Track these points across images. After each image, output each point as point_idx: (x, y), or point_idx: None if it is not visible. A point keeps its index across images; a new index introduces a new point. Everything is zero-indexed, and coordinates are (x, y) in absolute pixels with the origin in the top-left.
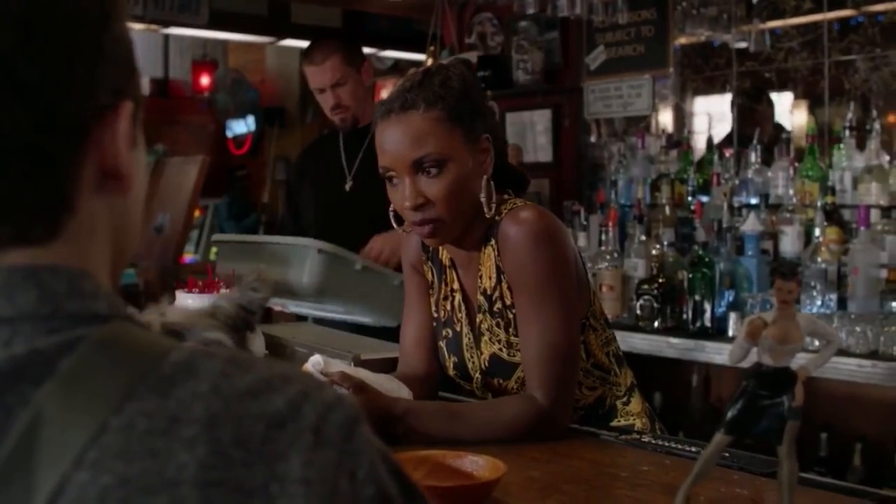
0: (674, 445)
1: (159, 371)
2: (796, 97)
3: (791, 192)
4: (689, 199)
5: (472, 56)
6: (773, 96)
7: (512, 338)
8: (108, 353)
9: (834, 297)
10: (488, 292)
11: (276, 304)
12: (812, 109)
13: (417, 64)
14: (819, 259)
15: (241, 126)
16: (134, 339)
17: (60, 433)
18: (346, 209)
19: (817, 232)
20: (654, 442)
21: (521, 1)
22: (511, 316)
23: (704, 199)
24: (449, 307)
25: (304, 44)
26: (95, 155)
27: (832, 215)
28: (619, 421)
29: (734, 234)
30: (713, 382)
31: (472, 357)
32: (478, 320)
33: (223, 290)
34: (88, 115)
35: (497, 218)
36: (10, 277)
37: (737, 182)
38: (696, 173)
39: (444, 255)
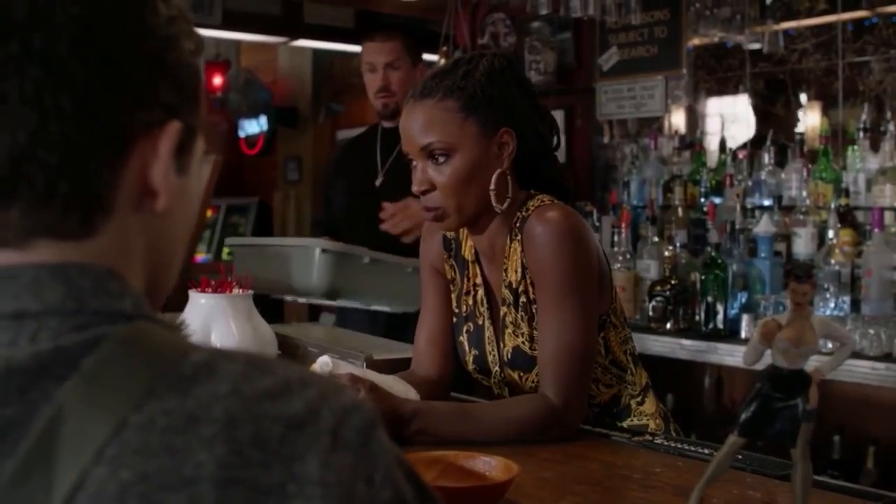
0: (686, 447)
1: (180, 370)
2: (810, 98)
3: (804, 193)
4: (702, 200)
5: None
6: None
7: (535, 332)
8: (130, 351)
9: (847, 299)
10: (514, 286)
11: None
12: (826, 111)
13: (431, 65)
14: (832, 261)
15: (254, 126)
16: (156, 338)
17: (80, 429)
18: (375, 205)
19: (831, 234)
20: (666, 443)
21: (534, 2)
22: (534, 311)
23: (717, 200)
24: (471, 302)
25: (317, 44)
26: (137, 168)
27: (846, 217)
28: (632, 420)
29: (747, 236)
30: (726, 384)
31: (492, 350)
32: (502, 313)
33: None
34: (134, 126)
35: (524, 214)
36: (38, 273)
37: (750, 183)
38: (709, 174)
39: (468, 249)
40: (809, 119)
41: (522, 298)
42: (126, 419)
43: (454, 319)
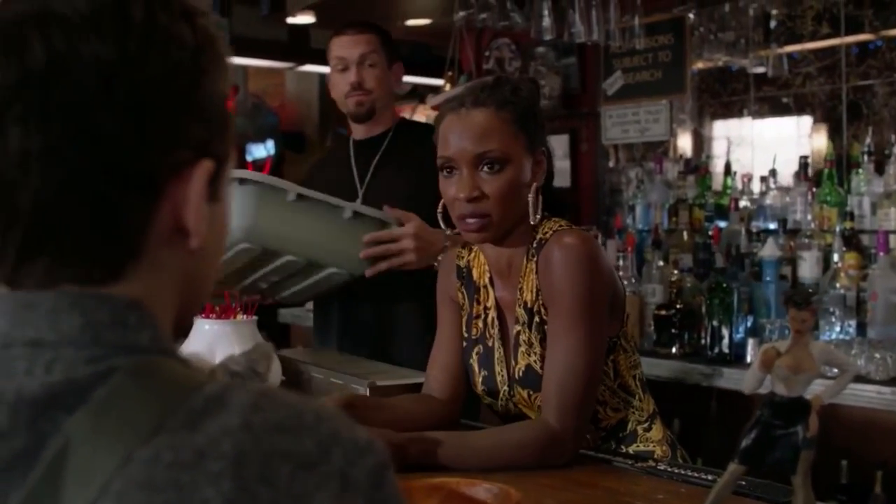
0: (689, 473)
1: (190, 404)
2: (814, 122)
3: (809, 217)
4: (707, 224)
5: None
6: (792, 120)
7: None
8: (142, 384)
9: (853, 323)
10: (529, 305)
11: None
12: (830, 134)
13: (436, 89)
14: (838, 285)
15: (261, 150)
16: (169, 372)
17: (87, 462)
18: None
19: (836, 257)
20: (669, 470)
21: (539, 27)
22: (546, 331)
23: (722, 224)
24: (481, 325)
25: (323, 69)
26: (168, 208)
27: (851, 241)
28: (638, 446)
29: (752, 260)
30: (732, 409)
31: (501, 371)
32: (515, 331)
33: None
34: (164, 170)
35: (541, 236)
36: (57, 303)
37: (755, 207)
38: (714, 198)
39: (482, 274)
40: (814, 142)
41: (536, 318)
42: (132, 453)
43: (464, 344)
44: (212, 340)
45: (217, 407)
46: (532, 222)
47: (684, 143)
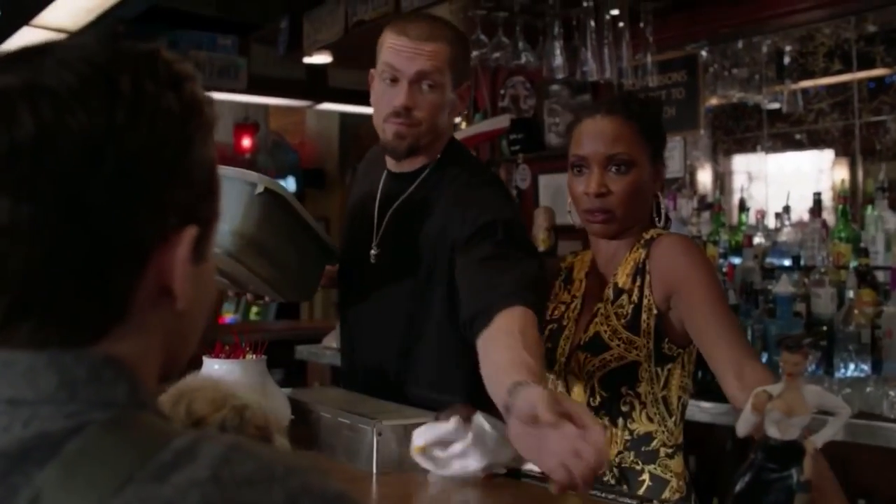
0: None
1: (161, 457)
2: (828, 158)
3: (824, 253)
4: (722, 260)
5: (505, 119)
6: (806, 156)
7: (620, 329)
8: (114, 437)
9: (868, 360)
10: (619, 286)
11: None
12: (844, 170)
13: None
14: (852, 322)
15: None
16: (142, 425)
17: None
18: (370, 283)
19: (850, 294)
20: None
21: (551, 65)
22: (630, 311)
23: (737, 260)
24: (563, 308)
25: (341, 107)
26: (154, 272)
27: (865, 277)
28: (656, 468)
29: (766, 297)
30: (748, 447)
31: (564, 345)
32: (595, 308)
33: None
34: (151, 238)
35: (647, 237)
36: (34, 361)
37: (769, 243)
38: (729, 235)
39: (580, 270)
40: (827, 179)
41: (624, 298)
42: None
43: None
44: (221, 381)
45: (187, 459)
46: (659, 224)
47: (698, 179)
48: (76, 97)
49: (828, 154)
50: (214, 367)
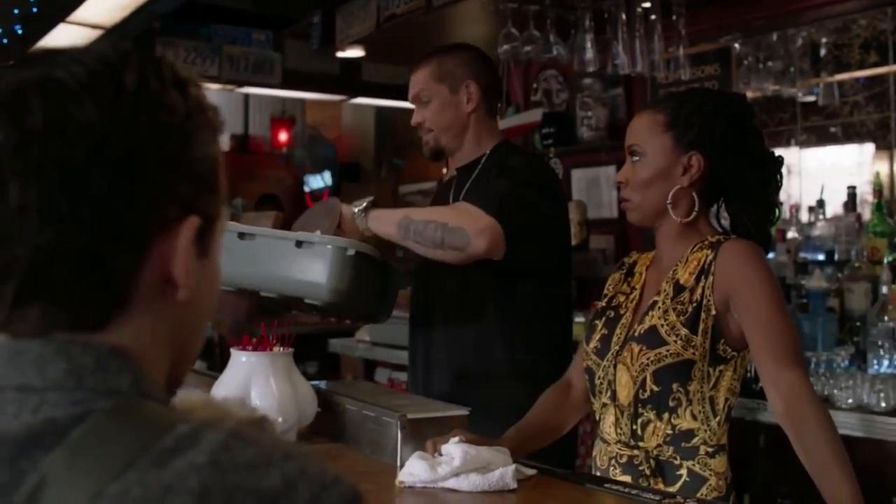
0: None
1: (162, 443)
2: (863, 151)
3: (858, 248)
4: None
5: (537, 113)
6: (840, 149)
7: (678, 325)
8: (118, 424)
9: None
10: (680, 282)
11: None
12: (879, 163)
13: None
14: (886, 317)
15: (318, 181)
16: (146, 412)
17: (60, 497)
18: (438, 278)
19: (885, 289)
20: None
21: (581, 59)
22: (691, 310)
23: (770, 255)
24: (622, 298)
25: (375, 101)
26: (157, 261)
27: None
28: (694, 465)
29: (799, 292)
30: (780, 444)
31: (620, 333)
32: (653, 300)
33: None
34: (152, 225)
35: (713, 240)
36: (44, 349)
37: (802, 238)
38: None
39: (642, 265)
40: (863, 172)
41: (684, 295)
42: (104, 489)
43: (599, 306)
44: (248, 372)
45: (188, 445)
46: (678, 220)
47: None
48: (84, 90)
49: (863, 148)
50: (242, 360)
